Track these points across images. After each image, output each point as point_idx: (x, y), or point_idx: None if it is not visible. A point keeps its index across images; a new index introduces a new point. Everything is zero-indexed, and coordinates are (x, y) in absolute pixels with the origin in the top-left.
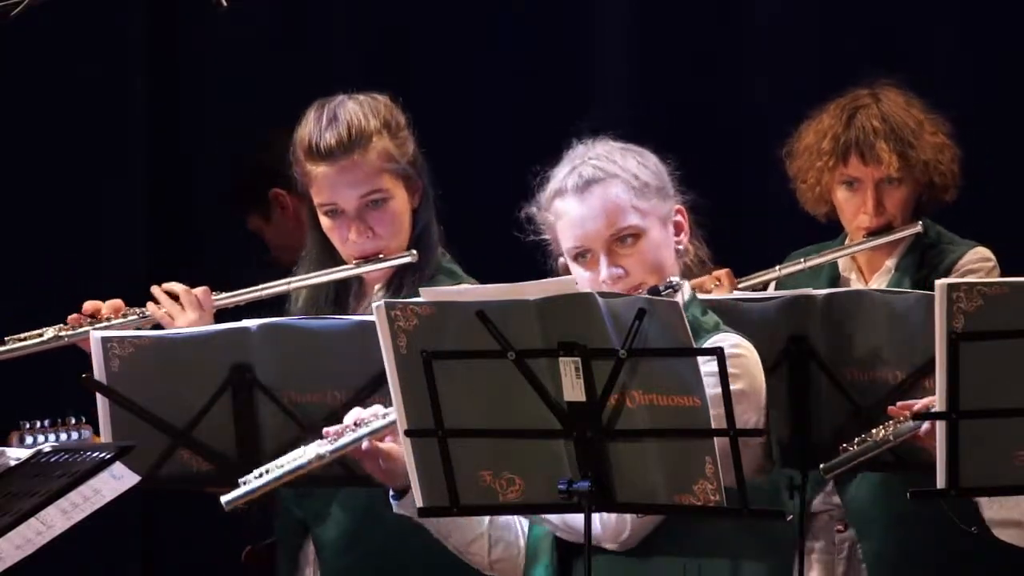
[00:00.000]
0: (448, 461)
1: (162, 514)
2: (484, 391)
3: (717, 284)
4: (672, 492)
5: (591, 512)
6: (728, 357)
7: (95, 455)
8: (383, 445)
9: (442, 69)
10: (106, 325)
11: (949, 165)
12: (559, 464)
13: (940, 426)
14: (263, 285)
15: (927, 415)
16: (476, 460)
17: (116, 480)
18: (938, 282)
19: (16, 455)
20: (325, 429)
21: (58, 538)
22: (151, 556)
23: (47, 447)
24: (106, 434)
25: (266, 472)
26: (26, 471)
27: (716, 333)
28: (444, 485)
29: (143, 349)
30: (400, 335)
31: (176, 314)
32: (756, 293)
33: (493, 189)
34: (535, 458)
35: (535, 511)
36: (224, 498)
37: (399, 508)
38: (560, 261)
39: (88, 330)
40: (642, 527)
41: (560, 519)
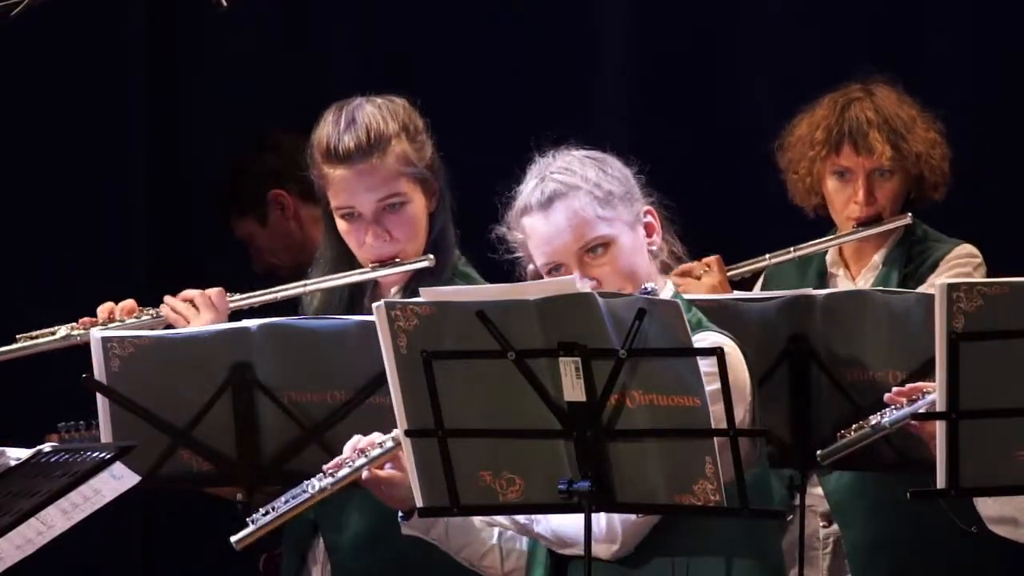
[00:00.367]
0: (448, 461)
1: (162, 514)
2: (484, 391)
3: (707, 270)
4: (672, 492)
5: (591, 512)
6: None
7: (95, 455)
8: (383, 473)
9: (442, 69)
10: (119, 325)
11: (940, 162)
12: (559, 464)
13: (940, 426)
14: (278, 287)
15: (927, 415)
16: (476, 460)
17: (116, 480)
18: (938, 282)
19: (16, 455)
20: (325, 467)
21: (58, 538)
22: (151, 556)
23: (47, 447)
24: (106, 434)
25: (272, 509)
26: (26, 471)
27: (699, 331)
28: (444, 485)
29: (143, 349)
30: (400, 335)
31: (191, 316)
32: (756, 293)
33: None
34: (535, 458)
35: (535, 511)
36: (234, 538)
37: (407, 529)
38: (530, 269)
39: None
40: (633, 537)
41: (553, 534)
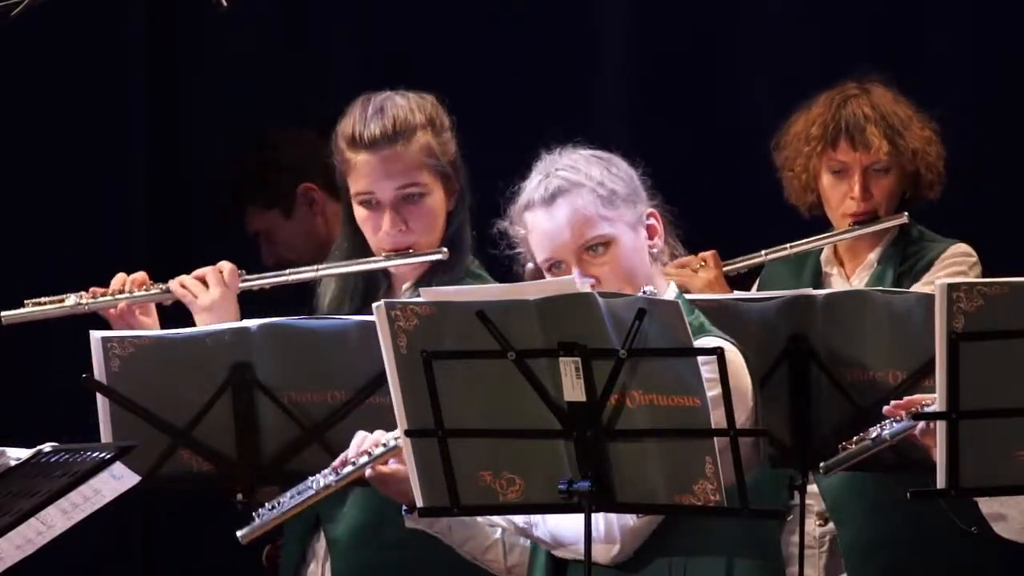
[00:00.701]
0: (448, 461)
1: (162, 514)
2: (484, 391)
3: (703, 265)
4: (672, 492)
5: (591, 512)
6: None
7: (95, 455)
8: (386, 469)
9: (442, 69)
10: (128, 297)
11: (935, 161)
12: (559, 464)
13: (940, 426)
14: (290, 270)
15: (928, 415)
16: (476, 460)
17: (116, 480)
18: (938, 282)
19: (16, 455)
20: (333, 464)
21: (58, 538)
22: (151, 556)
23: (47, 447)
24: (106, 434)
25: (278, 504)
26: (26, 471)
27: (701, 335)
28: (444, 485)
29: (143, 349)
30: (400, 335)
31: (199, 292)
32: (756, 293)
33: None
34: (535, 458)
35: (535, 511)
36: (240, 532)
37: (411, 522)
38: (528, 268)
39: (110, 299)
40: (632, 540)
41: (551, 537)
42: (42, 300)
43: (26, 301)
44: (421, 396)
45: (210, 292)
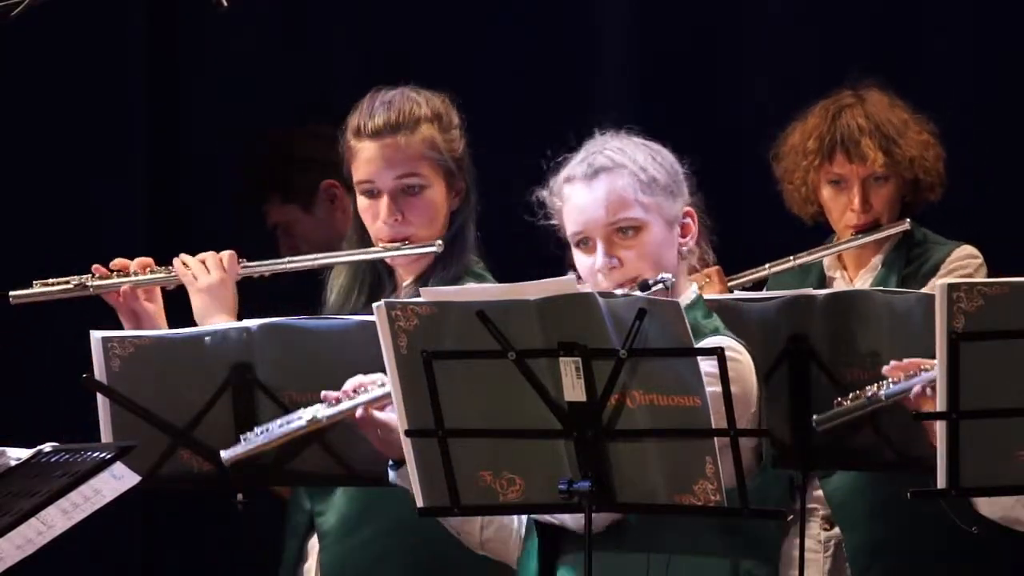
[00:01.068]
0: (448, 461)
1: (162, 514)
2: (484, 391)
3: (707, 281)
4: (672, 492)
5: (591, 512)
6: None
7: (95, 455)
8: (380, 415)
9: (442, 69)
10: (133, 281)
11: (934, 163)
12: (559, 464)
13: (940, 426)
14: (288, 259)
15: (928, 415)
16: (476, 460)
17: (116, 480)
18: (939, 282)
19: (16, 455)
20: (324, 393)
21: (58, 538)
22: (151, 556)
23: (47, 447)
24: (106, 434)
25: (266, 431)
26: (26, 471)
27: (712, 337)
28: (444, 485)
29: (143, 349)
30: (400, 335)
31: (199, 274)
32: (756, 293)
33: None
34: (535, 458)
35: (535, 511)
36: (224, 453)
37: (396, 479)
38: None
39: (115, 282)
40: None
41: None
42: (50, 281)
43: (34, 282)
44: (421, 396)
45: (209, 275)
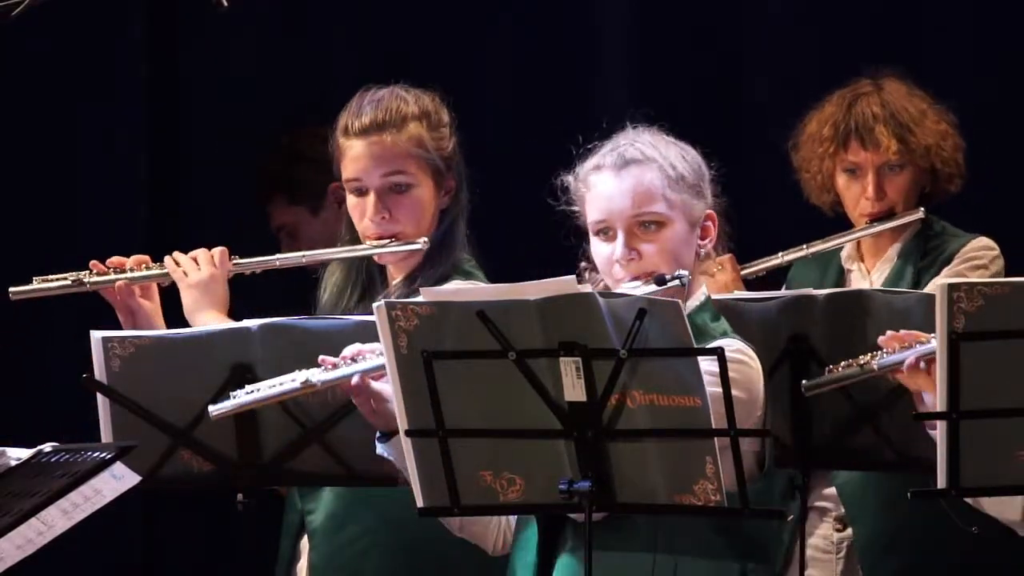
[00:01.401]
0: (448, 461)
1: (162, 514)
2: (484, 391)
3: (720, 269)
4: (672, 492)
5: (591, 512)
6: (730, 362)
7: (95, 455)
8: (375, 385)
9: (442, 69)
10: (128, 278)
11: (952, 153)
12: (559, 464)
13: (940, 426)
14: (278, 256)
15: (928, 415)
16: (476, 460)
17: (117, 480)
18: (939, 282)
19: (16, 455)
20: (321, 358)
21: (58, 538)
22: (151, 556)
23: (47, 447)
24: (106, 434)
25: (256, 390)
26: (26, 471)
27: (721, 340)
28: (444, 485)
29: (144, 349)
30: (401, 335)
31: (190, 270)
32: (757, 293)
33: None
34: (535, 458)
35: (535, 511)
36: (211, 408)
37: (382, 450)
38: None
39: (111, 278)
40: None
41: None
42: (48, 277)
43: (33, 279)
44: (421, 396)
45: (200, 272)
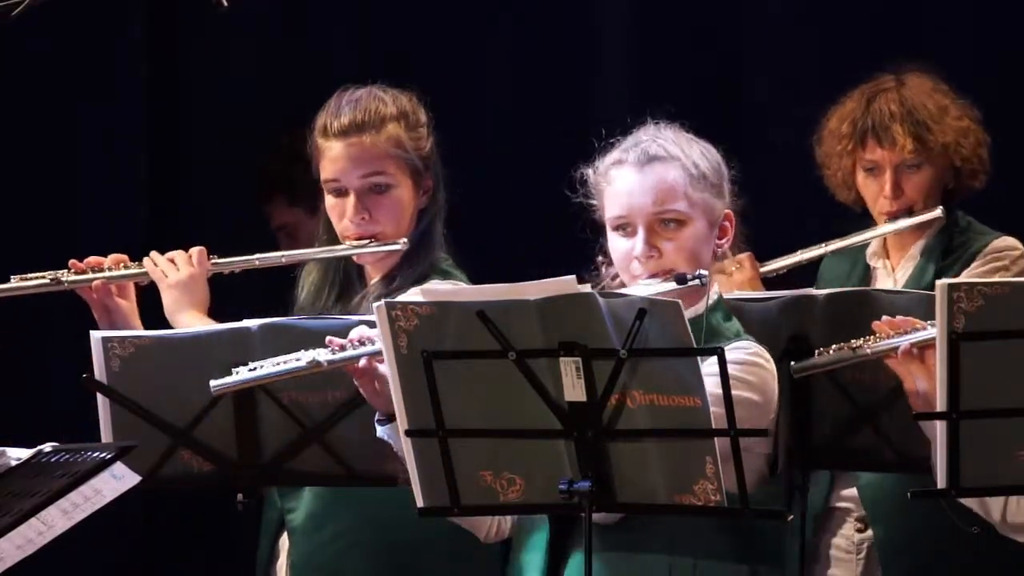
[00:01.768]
0: (448, 461)
1: (162, 514)
2: (484, 391)
3: (738, 267)
4: (672, 492)
5: (591, 512)
6: (744, 364)
7: (95, 455)
8: (382, 368)
9: (442, 69)
10: (106, 277)
11: (974, 149)
12: (559, 464)
13: (940, 426)
14: (258, 255)
15: (927, 415)
16: (476, 460)
17: (117, 480)
18: (939, 282)
19: (16, 455)
20: (329, 338)
21: (58, 538)
22: (151, 556)
23: (47, 447)
24: (106, 434)
25: (260, 367)
26: (27, 471)
27: (735, 341)
28: (444, 485)
29: (143, 349)
30: (401, 335)
31: (169, 271)
32: (757, 293)
33: (492, 188)
34: (535, 458)
35: (535, 511)
36: (213, 383)
37: (382, 433)
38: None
39: (88, 277)
40: None
41: None
42: (27, 276)
43: (12, 277)
44: (421, 396)
45: (179, 272)
